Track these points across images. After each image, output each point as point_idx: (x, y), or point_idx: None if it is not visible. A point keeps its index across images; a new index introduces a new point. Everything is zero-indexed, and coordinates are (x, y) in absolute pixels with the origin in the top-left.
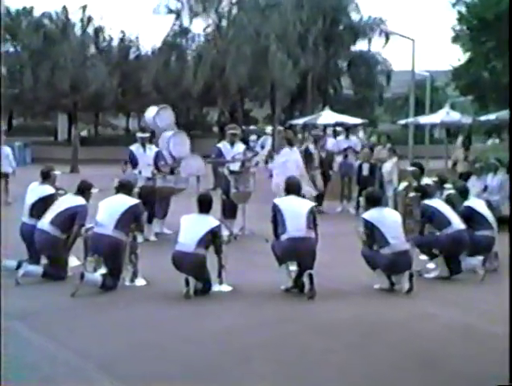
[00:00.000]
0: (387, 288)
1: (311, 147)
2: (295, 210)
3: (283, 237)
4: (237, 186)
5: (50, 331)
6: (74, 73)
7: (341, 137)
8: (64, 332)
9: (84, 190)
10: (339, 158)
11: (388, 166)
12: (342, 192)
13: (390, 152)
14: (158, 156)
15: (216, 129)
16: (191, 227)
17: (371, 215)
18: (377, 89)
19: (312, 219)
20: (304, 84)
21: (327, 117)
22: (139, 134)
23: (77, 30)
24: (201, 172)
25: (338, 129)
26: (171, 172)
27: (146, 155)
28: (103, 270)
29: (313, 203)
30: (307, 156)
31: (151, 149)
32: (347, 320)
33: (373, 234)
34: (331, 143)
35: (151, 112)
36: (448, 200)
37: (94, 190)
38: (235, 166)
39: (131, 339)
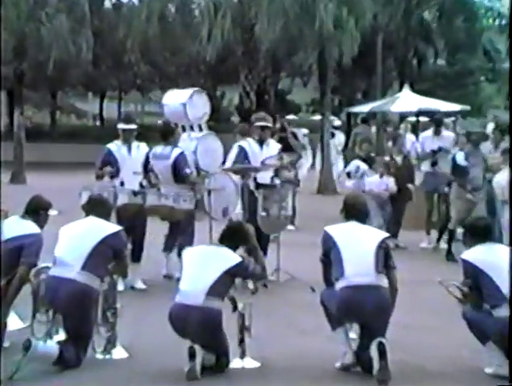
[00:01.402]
0: (506, 374)
1: (460, 158)
2: (358, 243)
3: (340, 285)
4: (267, 208)
5: None
6: (19, 29)
7: (428, 133)
8: None
9: (36, 211)
10: (424, 166)
11: (502, 179)
12: (429, 217)
13: (505, 156)
14: (179, 161)
15: (235, 118)
16: (198, 266)
17: (476, 255)
18: (487, 56)
19: (384, 257)
20: (371, 50)
21: (406, 101)
22: (122, 126)
23: None
24: (232, 202)
25: (422, 119)
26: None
27: (131, 158)
28: (61, 336)
29: (385, 234)
30: (456, 171)
31: (139, 149)
32: None
33: (479, 285)
34: (410, 142)
35: (181, 96)
36: None
37: (52, 212)
38: (265, 177)
39: None
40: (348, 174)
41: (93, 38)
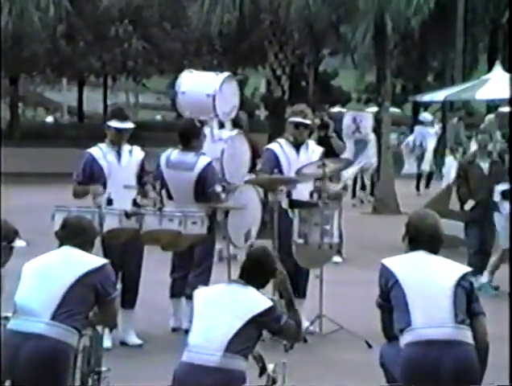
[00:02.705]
0: None
1: None
2: (429, 282)
3: (405, 339)
4: (305, 234)
5: None
6: None
7: None
8: None
9: None
10: None
11: None
12: None
13: None
14: (207, 174)
15: (262, 112)
16: (214, 313)
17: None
18: None
19: (467, 301)
20: (449, 13)
21: (497, 84)
22: (116, 124)
23: None
24: (255, 225)
25: None
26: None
27: (121, 167)
28: None
29: (466, 268)
30: None
31: (132, 155)
32: None
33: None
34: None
35: (206, 83)
36: None
37: (19, 243)
38: (302, 192)
39: None
40: (506, 194)
41: (68, 2)
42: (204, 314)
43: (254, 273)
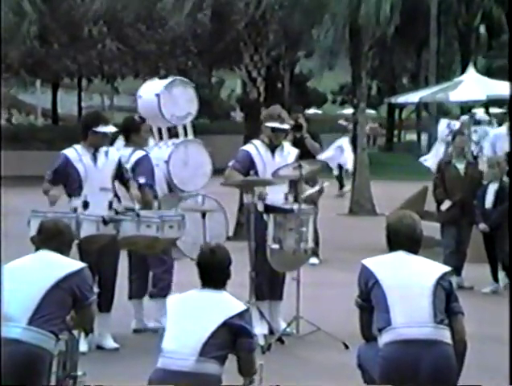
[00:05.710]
0: None
1: None
2: (409, 282)
3: (384, 339)
4: (280, 239)
5: None
6: None
7: (501, 130)
8: None
9: None
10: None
11: None
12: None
13: None
14: (139, 165)
15: (237, 114)
16: (187, 318)
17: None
18: None
19: (446, 300)
20: (422, 15)
21: (470, 86)
22: (102, 128)
23: None
24: (221, 237)
25: (494, 111)
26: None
27: (97, 169)
28: None
29: (445, 268)
30: None
31: (108, 157)
32: None
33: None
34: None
35: (158, 85)
36: None
37: None
38: (276, 196)
39: None
40: None
41: (41, 2)
42: (177, 320)
43: (213, 270)
